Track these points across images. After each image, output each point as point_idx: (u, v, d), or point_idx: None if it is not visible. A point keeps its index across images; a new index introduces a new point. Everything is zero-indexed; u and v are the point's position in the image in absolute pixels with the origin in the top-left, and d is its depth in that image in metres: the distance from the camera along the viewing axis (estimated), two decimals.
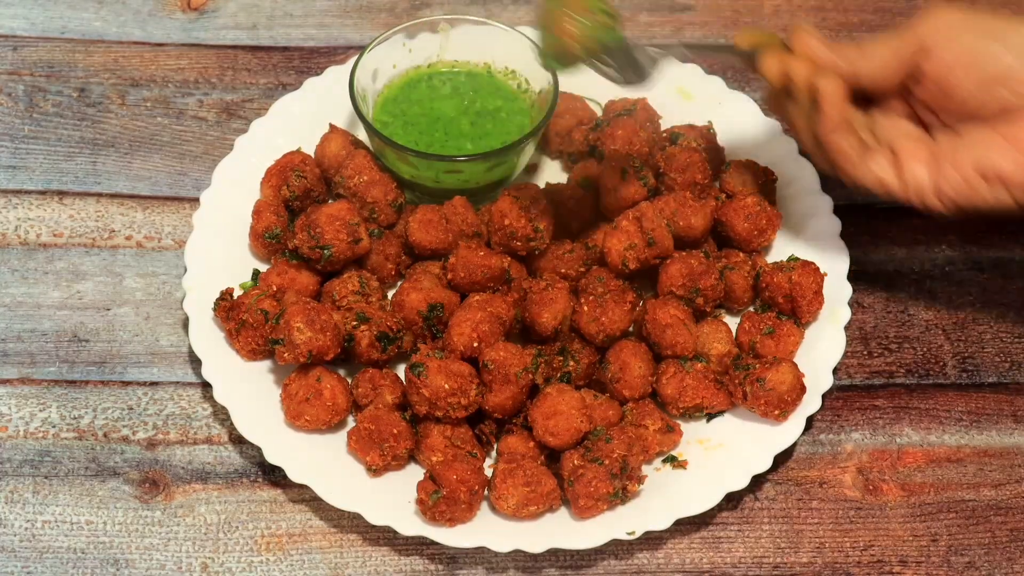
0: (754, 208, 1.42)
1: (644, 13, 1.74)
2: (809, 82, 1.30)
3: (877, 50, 1.34)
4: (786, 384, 1.30)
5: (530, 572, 1.27)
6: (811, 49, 1.32)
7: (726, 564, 1.29)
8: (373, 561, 1.28)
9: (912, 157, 1.28)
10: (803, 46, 1.33)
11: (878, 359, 1.43)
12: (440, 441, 1.29)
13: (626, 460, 1.25)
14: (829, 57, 1.32)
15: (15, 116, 1.59)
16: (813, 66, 1.31)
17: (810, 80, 1.30)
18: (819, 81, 1.29)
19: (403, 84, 1.52)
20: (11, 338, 1.41)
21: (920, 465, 1.36)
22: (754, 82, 1.66)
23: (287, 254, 1.40)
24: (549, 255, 1.41)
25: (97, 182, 1.54)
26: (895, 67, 1.33)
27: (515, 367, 1.28)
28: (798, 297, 1.37)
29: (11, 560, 1.26)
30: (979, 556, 1.30)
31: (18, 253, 1.47)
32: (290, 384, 1.31)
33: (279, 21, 1.70)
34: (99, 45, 1.66)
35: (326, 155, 1.47)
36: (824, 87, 1.29)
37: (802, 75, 1.30)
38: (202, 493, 1.31)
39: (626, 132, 1.48)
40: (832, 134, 1.30)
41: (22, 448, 1.33)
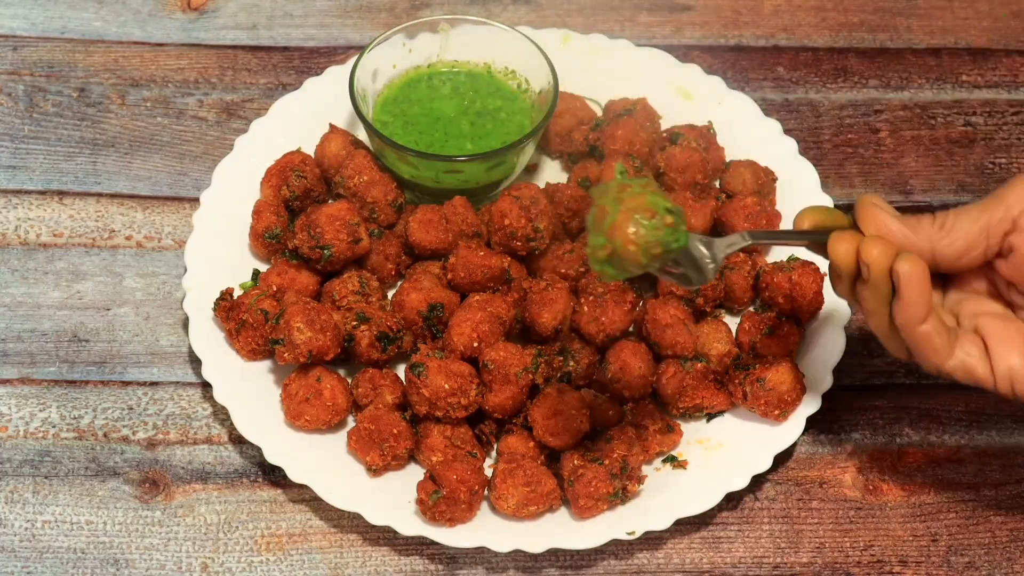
0: (754, 208, 1.42)
1: (644, 13, 1.74)
2: (886, 266, 1.13)
3: (960, 225, 1.16)
4: (786, 384, 1.30)
5: (530, 572, 1.27)
6: (883, 226, 1.16)
7: (726, 564, 1.29)
8: (373, 561, 1.28)
9: (1002, 343, 1.14)
10: (872, 222, 1.16)
11: (878, 359, 1.43)
12: (440, 441, 1.29)
13: (626, 460, 1.25)
14: (904, 235, 1.16)
15: (15, 116, 1.59)
16: (889, 246, 1.14)
17: (887, 263, 1.13)
18: (899, 265, 1.12)
19: (403, 84, 1.52)
20: (11, 338, 1.41)
21: (920, 465, 1.36)
22: (754, 82, 1.66)
23: (287, 254, 1.40)
24: (549, 255, 1.41)
25: (97, 182, 1.54)
26: (982, 245, 1.16)
27: (515, 367, 1.28)
28: (798, 297, 1.36)
29: (11, 560, 1.26)
30: (979, 556, 1.30)
31: (18, 253, 1.47)
32: (290, 384, 1.31)
33: (279, 21, 1.70)
34: (99, 45, 1.66)
35: (326, 155, 1.47)
36: (906, 272, 1.12)
37: (878, 259, 1.13)
38: (202, 493, 1.31)
39: (626, 132, 1.47)
40: (916, 325, 1.13)
41: (22, 448, 1.33)
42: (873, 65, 1.69)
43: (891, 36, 1.73)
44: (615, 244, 1.10)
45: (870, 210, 1.17)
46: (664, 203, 1.10)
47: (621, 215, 1.09)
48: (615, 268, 1.12)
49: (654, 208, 1.10)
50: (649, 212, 1.09)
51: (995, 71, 1.69)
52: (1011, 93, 1.67)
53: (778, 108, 1.64)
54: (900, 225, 1.16)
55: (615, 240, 1.10)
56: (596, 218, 1.11)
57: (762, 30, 1.72)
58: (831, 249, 1.16)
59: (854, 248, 1.15)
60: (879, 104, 1.66)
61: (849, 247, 1.15)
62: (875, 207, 1.17)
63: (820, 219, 1.20)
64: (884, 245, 1.14)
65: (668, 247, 1.11)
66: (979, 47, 1.72)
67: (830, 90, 1.67)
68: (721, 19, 1.74)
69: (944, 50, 1.71)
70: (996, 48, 1.72)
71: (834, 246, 1.16)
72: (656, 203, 1.10)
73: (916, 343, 1.14)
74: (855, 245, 1.15)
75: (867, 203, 1.17)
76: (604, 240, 1.10)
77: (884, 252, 1.13)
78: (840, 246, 1.16)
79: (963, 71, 1.69)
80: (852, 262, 1.15)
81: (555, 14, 1.72)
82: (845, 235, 1.16)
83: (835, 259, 1.16)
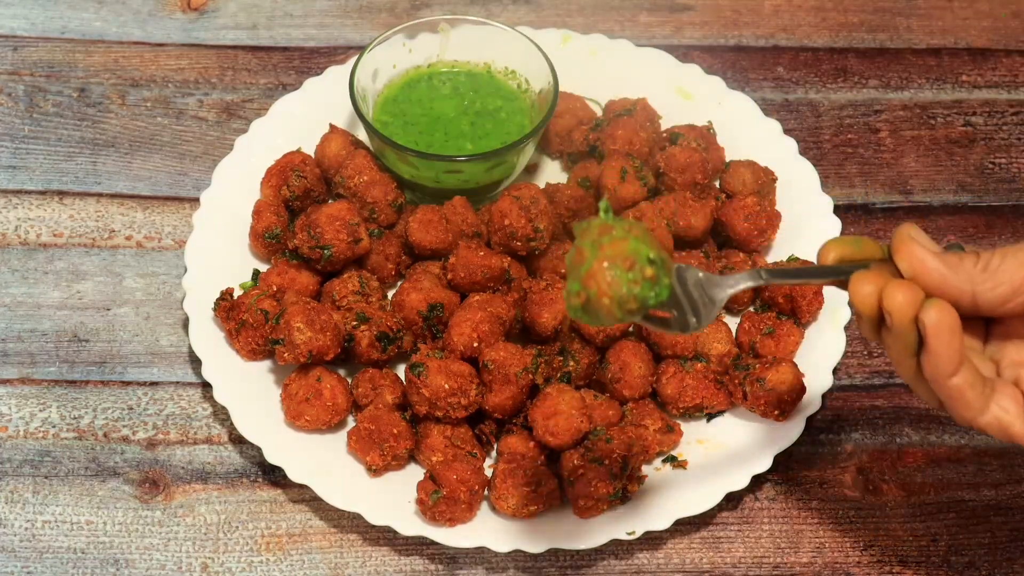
0: (754, 208, 1.42)
1: (644, 13, 1.74)
2: (912, 314, 1.02)
3: (1006, 267, 1.04)
4: (786, 384, 1.30)
5: (530, 572, 1.27)
6: (919, 263, 1.04)
7: (726, 564, 1.29)
8: (373, 561, 1.28)
9: None
10: (908, 258, 1.04)
11: (878, 359, 1.43)
12: (440, 441, 1.29)
13: (626, 460, 1.25)
14: (941, 275, 1.04)
15: (15, 116, 1.59)
16: (915, 292, 1.03)
17: (913, 312, 1.02)
18: (926, 315, 1.01)
19: (403, 84, 1.52)
20: (11, 338, 1.41)
21: (920, 465, 1.36)
22: (754, 82, 1.66)
23: (287, 254, 1.40)
24: (549, 255, 1.41)
25: (97, 182, 1.54)
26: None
27: (515, 367, 1.28)
28: (798, 297, 1.37)
29: (11, 560, 1.26)
30: (979, 556, 1.30)
31: (18, 253, 1.47)
32: (290, 384, 1.31)
33: (279, 21, 1.70)
34: (99, 45, 1.66)
35: (326, 155, 1.47)
36: (933, 322, 1.01)
37: (902, 307, 1.02)
38: (202, 493, 1.31)
39: (626, 132, 1.47)
40: (946, 379, 1.03)
41: (22, 448, 1.33)
42: (873, 65, 1.69)
43: (891, 36, 1.73)
44: (589, 293, 1.01)
45: (907, 244, 1.05)
46: (647, 252, 1.01)
47: (597, 263, 1.01)
48: (590, 317, 1.03)
49: (634, 257, 1.01)
50: (628, 262, 1.00)
51: (995, 71, 1.69)
52: (1011, 93, 1.67)
53: (778, 108, 1.64)
54: (938, 264, 1.04)
55: (589, 289, 1.01)
56: (574, 261, 1.03)
57: (762, 30, 1.73)
58: (851, 291, 1.05)
59: (878, 291, 1.04)
60: (879, 104, 1.66)
61: (872, 290, 1.04)
62: (912, 240, 1.05)
63: (847, 252, 1.08)
64: (909, 291, 1.02)
65: (645, 302, 1.02)
66: (979, 47, 1.72)
67: (830, 90, 1.67)
68: (721, 19, 1.74)
69: (944, 50, 1.71)
70: (996, 48, 1.72)
71: (855, 288, 1.05)
72: (638, 251, 1.01)
73: (946, 396, 1.04)
74: (879, 287, 1.04)
75: (904, 236, 1.05)
76: (579, 287, 1.02)
77: (909, 299, 1.02)
78: (862, 288, 1.04)
79: (963, 71, 1.69)
80: (875, 307, 1.04)
81: (555, 14, 1.72)
82: (869, 276, 1.04)
83: (856, 303, 1.05)
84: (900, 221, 1.54)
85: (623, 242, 1.01)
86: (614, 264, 1.01)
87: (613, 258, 1.01)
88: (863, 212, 1.55)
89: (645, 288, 1.01)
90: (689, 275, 1.08)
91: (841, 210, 1.51)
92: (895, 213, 1.55)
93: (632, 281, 1.01)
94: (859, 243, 1.09)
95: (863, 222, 1.54)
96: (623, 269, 1.01)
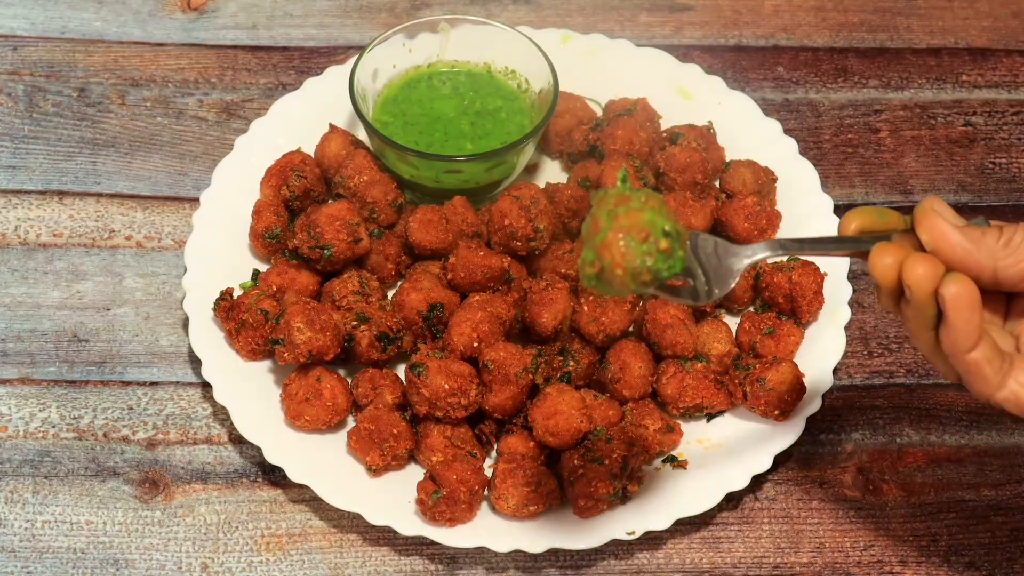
0: (754, 208, 1.42)
1: (644, 13, 1.74)
2: (931, 288, 1.02)
3: None
4: (786, 384, 1.30)
5: (530, 572, 1.27)
6: (941, 236, 1.03)
7: (726, 564, 1.29)
8: (373, 561, 1.28)
9: None
10: (930, 230, 1.04)
11: (878, 359, 1.43)
12: (440, 441, 1.29)
13: (626, 460, 1.25)
14: (963, 248, 1.03)
15: (15, 116, 1.59)
16: (935, 265, 1.02)
17: (933, 285, 1.02)
18: (945, 288, 1.01)
19: (403, 84, 1.52)
20: (11, 338, 1.41)
21: (920, 465, 1.36)
22: (754, 82, 1.66)
23: (287, 254, 1.40)
24: (549, 255, 1.41)
25: (97, 182, 1.54)
26: None
27: (515, 367, 1.28)
28: (798, 297, 1.37)
29: (11, 560, 1.26)
30: (979, 556, 1.30)
31: (18, 253, 1.47)
32: (290, 384, 1.31)
33: (279, 21, 1.70)
34: (99, 45, 1.66)
35: (326, 155, 1.47)
36: (953, 296, 1.01)
37: (921, 280, 1.02)
38: (202, 493, 1.31)
39: (626, 132, 1.48)
40: (964, 352, 1.03)
41: (22, 448, 1.33)
42: (873, 65, 1.69)
43: (891, 36, 1.73)
44: (603, 263, 1.01)
45: (930, 216, 1.04)
46: (662, 223, 1.01)
47: (612, 233, 1.00)
48: (604, 286, 1.03)
49: (649, 229, 1.00)
50: (643, 233, 1.00)
51: (995, 71, 1.69)
52: (1011, 93, 1.67)
53: (778, 108, 1.64)
54: (961, 237, 1.03)
55: (604, 259, 1.01)
56: (589, 229, 1.03)
57: (762, 30, 1.73)
58: (871, 262, 1.04)
59: (898, 264, 1.03)
60: (879, 104, 1.66)
61: (892, 262, 1.03)
62: (935, 213, 1.04)
63: (868, 222, 1.08)
64: (930, 264, 1.02)
65: (658, 275, 1.01)
66: (979, 47, 1.72)
67: (830, 90, 1.67)
68: (721, 19, 1.74)
69: (944, 50, 1.71)
70: (996, 48, 1.72)
71: (875, 259, 1.04)
72: (653, 223, 1.01)
73: (964, 371, 1.04)
74: (899, 260, 1.03)
75: (927, 208, 1.05)
76: (593, 256, 1.02)
77: (929, 272, 1.02)
78: (883, 260, 1.04)
79: (963, 71, 1.69)
80: (894, 279, 1.03)
81: (555, 14, 1.72)
82: (890, 248, 1.04)
83: (875, 275, 1.04)
84: None
85: (639, 213, 1.01)
86: (628, 235, 1.00)
87: (628, 229, 1.00)
88: None
89: (659, 260, 1.01)
90: (705, 243, 1.08)
91: (841, 210, 1.51)
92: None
93: (646, 253, 1.00)
94: (882, 214, 1.08)
95: None
96: (637, 241, 1.00)
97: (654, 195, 1.03)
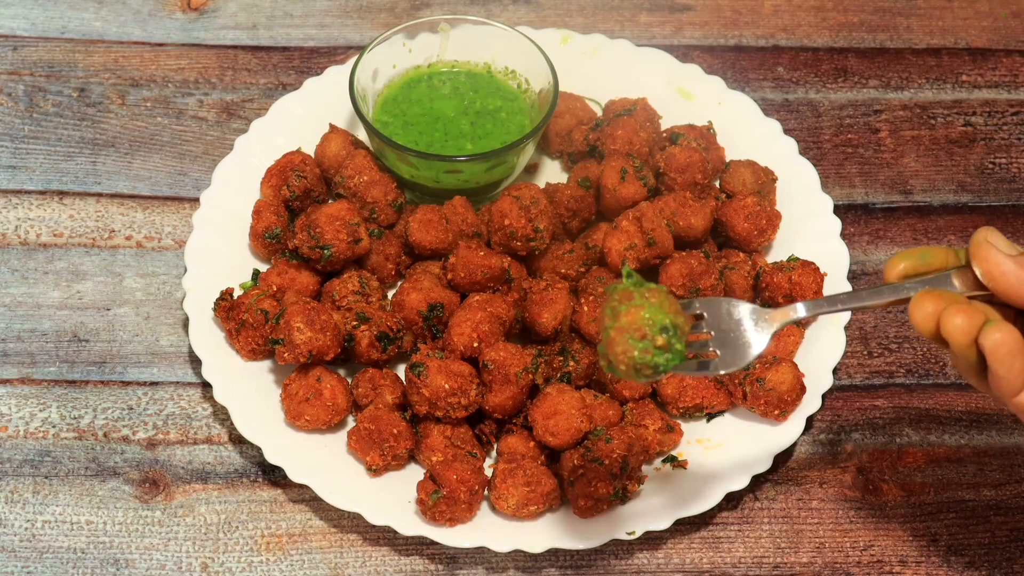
0: (754, 208, 1.42)
1: (644, 13, 1.74)
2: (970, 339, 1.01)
3: None
4: (786, 384, 1.30)
5: (530, 572, 1.27)
6: (996, 268, 1.02)
7: (726, 564, 1.29)
8: (373, 561, 1.28)
9: None
10: (985, 262, 1.03)
11: (878, 359, 1.43)
12: (440, 441, 1.29)
13: (626, 460, 1.25)
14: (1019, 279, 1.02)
15: (15, 116, 1.59)
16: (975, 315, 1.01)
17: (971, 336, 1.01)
18: (985, 339, 1.00)
19: (403, 84, 1.52)
20: (11, 338, 1.41)
21: (920, 465, 1.36)
22: (754, 82, 1.66)
23: (287, 254, 1.40)
24: (549, 255, 1.41)
25: (97, 182, 1.54)
26: None
27: (515, 367, 1.28)
28: (798, 297, 1.36)
29: (11, 560, 1.26)
30: (979, 556, 1.30)
31: (18, 253, 1.47)
32: (290, 384, 1.31)
33: (279, 21, 1.70)
34: (99, 45, 1.66)
35: (326, 155, 1.47)
36: (993, 345, 1.00)
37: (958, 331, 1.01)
38: (202, 493, 1.31)
39: (626, 132, 1.47)
40: (1011, 397, 1.02)
41: (22, 448, 1.33)
42: (873, 65, 1.69)
43: (891, 36, 1.73)
44: (609, 359, 1.06)
45: (984, 248, 1.04)
46: (661, 319, 1.04)
47: (614, 331, 1.05)
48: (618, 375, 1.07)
49: (647, 327, 1.04)
50: (640, 331, 1.04)
51: (995, 71, 1.69)
52: (1011, 93, 1.67)
53: (778, 108, 1.64)
54: (1016, 268, 1.02)
55: (609, 356, 1.06)
56: (600, 325, 1.07)
57: (762, 30, 1.73)
58: (911, 312, 1.03)
59: (937, 313, 1.02)
60: (879, 104, 1.66)
61: (931, 311, 1.02)
62: (988, 245, 1.03)
63: (912, 266, 1.07)
64: (966, 316, 1.01)
65: (657, 369, 1.05)
66: (979, 47, 1.72)
67: (830, 90, 1.67)
68: (721, 19, 1.74)
69: (944, 50, 1.71)
70: (996, 48, 1.72)
71: (914, 310, 1.03)
72: (653, 320, 1.04)
73: (1015, 411, 1.04)
74: (939, 310, 1.02)
75: (981, 240, 1.04)
76: (603, 350, 1.07)
77: (966, 323, 1.00)
78: (922, 308, 1.03)
79: (963, 71, 1.69)
80: (934, 329, 1.02)
81: (555, 14, 1.72)
82: (930, 297, 1.03)
83: (916, 325, 1.03)
84: (900, 221, 1.54)
85: (638, 310, 1.05)
86: (628, 333, 1.04)
87: (627, 327, 1.05)
88: (863, 212, 1.55)
89: (656, 355, 1.05)
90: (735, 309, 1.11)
91: (841, 210, 1.51)
92: (895, 213, 1.55)
93: (644, 350, 1.04)
94: (925, 255, 1.08)
95: (863, 222, 1.54)
96: (636, 339, 1.04)
97: (656, 290, 1.07)
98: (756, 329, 1.11)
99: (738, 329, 1.11)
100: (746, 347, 1.10)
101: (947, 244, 1.53)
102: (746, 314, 1.11)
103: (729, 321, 1.10)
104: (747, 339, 1.10)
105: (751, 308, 1.10)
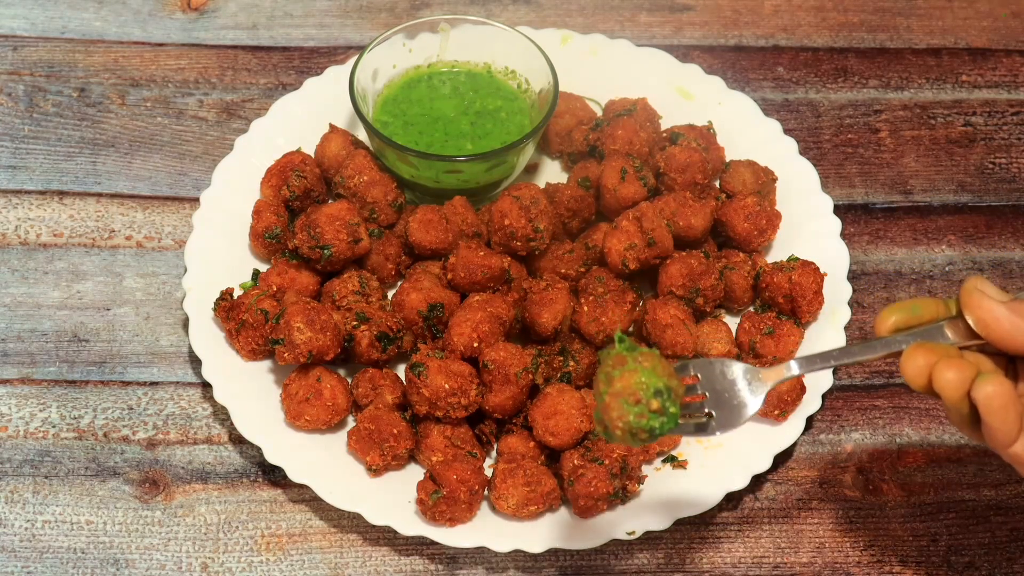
0: (754, 208, 1.42)
1: (644, 13, 1.74)
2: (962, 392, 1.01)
3: None
4: (786, 384, 1.30)
5: (530, 572, 1.27)
6: (989, 315, 1.03)
7: (726, 564, 1.29)
8: (373, 561, 1.28)
9: None
10: (976, 309, 1.03)
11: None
12: (440, 441, 1.29)
13: (626, 460, 1.26)
14: (1013, 325, 1.02)
15: (15, 116, 1.59)
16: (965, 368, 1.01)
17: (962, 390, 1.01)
18: (977, 392, 1.00)
19: (403, 84, 1.52)
20: (11, 338, 1.41)
21: (920, 465, 1.36)
22: (754, 82, 1.66)
23: (287, 254, 1.40)
24: (549, 255, 1.41)
25: (97, 182, 1.54)
26: None
27: (515, 367, 1.28)
28: (798, 297, 1.37)
29: (11, 560, 1.26)
30: (979, 556, 1.30)
31: (18, 253, 1.47)
32: (290, 384, 1.31)
33: (279, 21, 1.70)
34: (99, 45, 1.66)
35: (326, 155, 1.47)
36: (985, 398, 1.00)
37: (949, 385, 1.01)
38: (202, 493, 1.31)
39: (626, 132, 1.47)
40: (1005, 448, 1.02)
41: (22, 448, 1.33)
42: (873, 65, 1.69)
43: (891, 36, 1.73)
44: (605, 424, 1.06)
45: (975, 296, 1.04)
46: (655, 383, 1.04)
47: (609, 397, 1.05)
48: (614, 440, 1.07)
49: (641, 391, 1.04)
50: (635, 396, 1.04)
51: (995, 71, 1.69)
52: (1011, 93, 1.67)
53: (778, 108, 1.64)
54: (1008, 313, 1.03)
55: (604, 421, 1.06)
56: (596, 389, 1.07)
57: (762, 30, 1.73)
58: (902, 366, 1.03)
59: (929, 367, 1.02)
60: (879, 104, 1.66)
61: (922, 365, 1.02)
62: (980, 293, 1.04)
63: (903, 319, 1.07)
64: (957, 370, 1.00)
65: (653, 432, 1.05)
66: (979, 47, 1.72)
67: (830, 90, 1.67)
68: (721, 19, 1.74)
69: (944, 50, 1.71)
70: (996, 48, 1.72)
71: (905, 365, 1.03)
72: (647, 384, 1.04)
73: (1012, 463, 1.04)
74: (930, 363, 1.02)
75: (971, 289, 1.04)
76: (599, 415, 1.07)
77: (957, 378, 1.00)
78: (914, 363, 1.02)
79: (963, 71, 1.69)
80: (926, 384, 1.02)
81: (555, 14, 1.72)
82: (921, 351, 1.03)
83: (908, 380, 1.03)
84: (900, 221, 1.54)
85: (632, 375, 1.05)
86: (622, 398, 1.04)
87: (622, 392, 1.05)
88: (863, 212, 1.55)
89: (651, 419, 1.05)
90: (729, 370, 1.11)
91: (841, 210, 1.51)
92: (895, 213, 1.55)
93: (638, 414, 1.04)
94: (916, 308, 1.07)
95: (863, 222, 1.54)
96: (631, 403, 1.04)
97: (649, 354, 1.07)
98: (750, 389, 1.11)
99: (732, 389, 1.11)
100: (741, 407, 1.11)
101: (948, 244, 1.53)
102: (740, 374, 1.11)
103: (723, 382, 1.11)
104: (741, 399, 1.11)
105: (744, 368, 1.11)
